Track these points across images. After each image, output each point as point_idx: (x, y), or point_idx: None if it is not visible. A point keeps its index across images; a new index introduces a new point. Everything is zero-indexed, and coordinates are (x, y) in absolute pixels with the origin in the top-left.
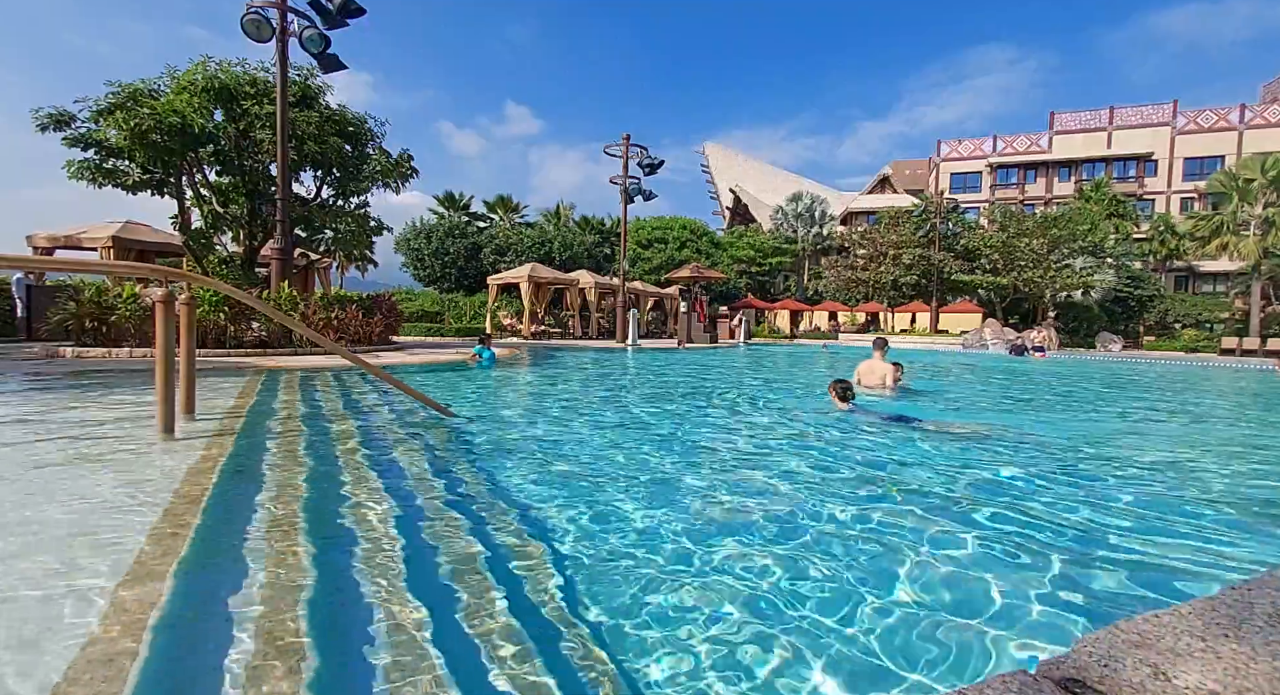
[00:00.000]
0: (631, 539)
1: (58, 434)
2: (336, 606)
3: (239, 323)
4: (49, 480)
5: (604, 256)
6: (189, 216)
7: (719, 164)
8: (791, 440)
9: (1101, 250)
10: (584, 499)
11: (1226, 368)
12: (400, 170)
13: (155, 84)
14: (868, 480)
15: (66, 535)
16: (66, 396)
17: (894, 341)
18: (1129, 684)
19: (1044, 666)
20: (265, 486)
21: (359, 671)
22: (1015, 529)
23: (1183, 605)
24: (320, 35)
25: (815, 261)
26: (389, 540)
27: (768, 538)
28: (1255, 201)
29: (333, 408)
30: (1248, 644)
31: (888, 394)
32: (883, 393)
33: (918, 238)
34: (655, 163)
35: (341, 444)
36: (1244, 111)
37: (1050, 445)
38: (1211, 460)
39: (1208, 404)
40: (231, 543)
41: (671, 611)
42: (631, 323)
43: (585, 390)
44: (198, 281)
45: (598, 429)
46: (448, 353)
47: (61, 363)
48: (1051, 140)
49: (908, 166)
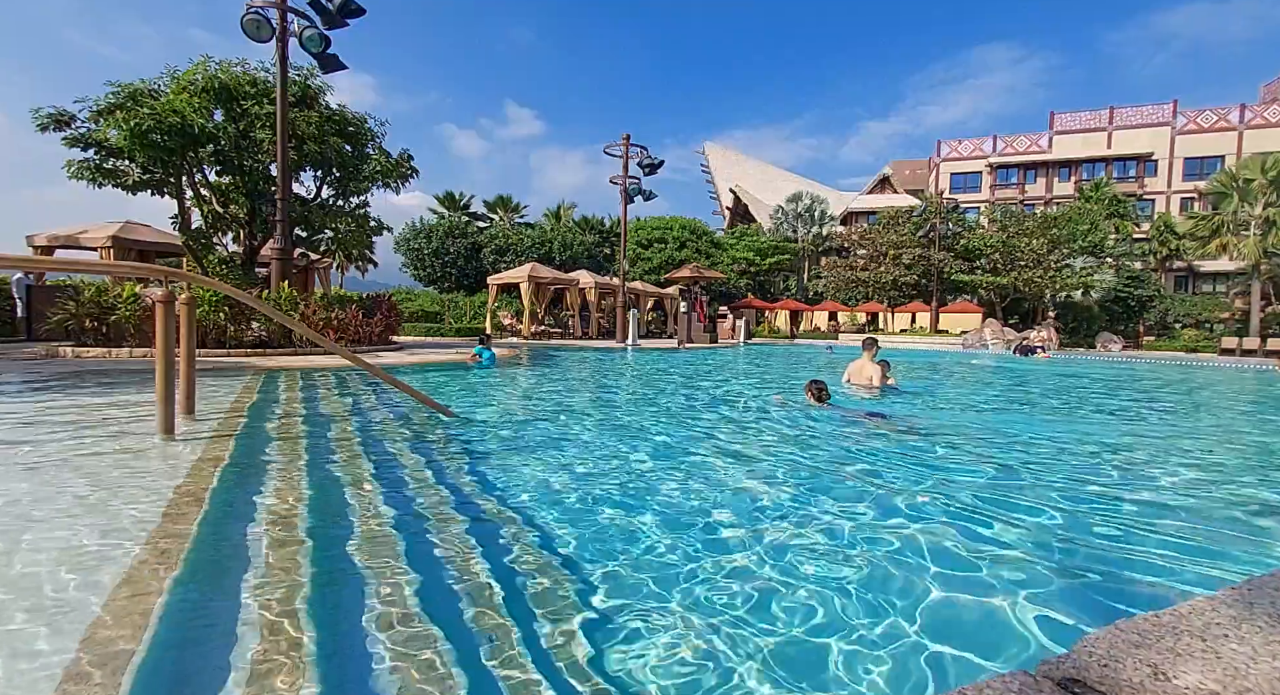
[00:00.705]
0: (628, 536)
1: (56, 434)
2: (336, 606)
3: (239, 323)
4: (48, 480)
5: (604, 256)
6: (189, 216)
7: (719, 164)
8: (779, 438)
9: (1101, 250)
10: (582, 498)
11: (1229, 368)
12: (400, 170)
13: (155, 84)
14: (832, 472)
15: (66, 535)
16: (66, 396)
17: (894, 341)
18: (1129, 684)
19: (1044, 666)
20: (265, 486)
21: (359, 671)
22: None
23: (1182, 605)
24: (320, 35)
25: (815, 261)
26: (389, 540)
27: (766, 532)
28: (1255, 201)
29: (333, 408)
30: (1248, 644)
31: (876, 393)
32: (872, 392)
33: (918, 238)
34: (655, 163)
35: (341, 444)
36: (1244, 111)
37: (1033, 445)
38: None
39: (1227, 404)
40: (232, 542)
41: (668, 605)
42: (631, 323)
43: (585, 390)
44: (198, 281)
45: (597, 429)
46: (448, 353)
47: (61, 362)
48: (1051, 140)
49: (908, 166)
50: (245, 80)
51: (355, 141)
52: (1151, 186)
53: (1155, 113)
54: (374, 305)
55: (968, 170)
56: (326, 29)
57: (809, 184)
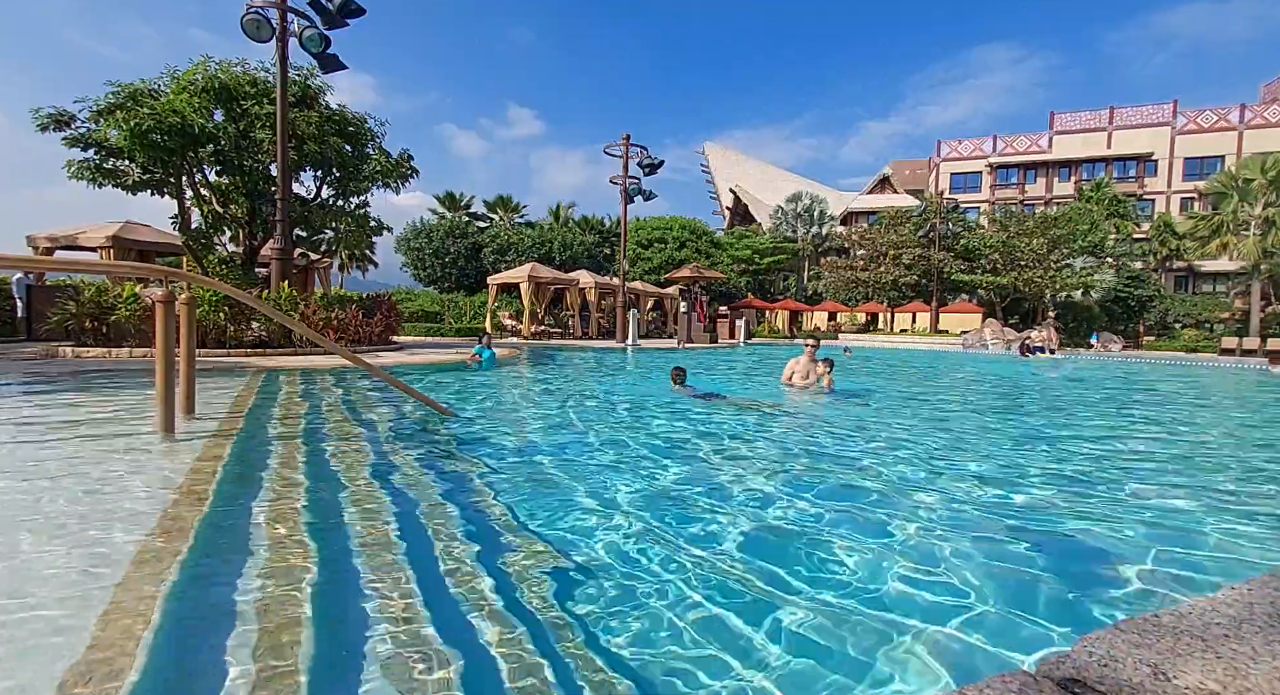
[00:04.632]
0: (625, 533)
1: (56, 434)
2: (336, 605)
3: (239, 323)
4: (48, 480)
5: (604, 256)
6: (189, 216)
7: (719, 164)
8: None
9: (1101, 250)
10: (581, 497)
11: (1229, 368)
12: (400, 170)
13: (155, 84)
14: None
15: (66, 534)
16: (65, 396)
17: (894, 341)
18: (1129, 684)
19: (1044, 666)
20: (265, 485)
21: (359, 670)
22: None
23: (1183, 605)
24: (320, 35)
25: (815, 261)
26: (389, 539)
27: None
28: (1255, 201)
29: (332, 408)
30: (1248, 644)
31: (820, 391)
32: (815, 389)
33: (918, 238)
34: (655, 163)
35: (341, 444)
36: (1244, 111)
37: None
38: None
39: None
40: (232, 541)
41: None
42: (631, 323)
43: (584, 390)
44: (198, 281)
45: (596, 429)
46: (448, 353)
47: (60, 362)
48: (1051, 140)
49: (908, 166)
50: (245, 80)
51: (355, 141)
52: (1151, 186)
53: (1155, 113)
54: (374, 305)
55: (968, 170)
56: (326, 29)
57: (809, 184)
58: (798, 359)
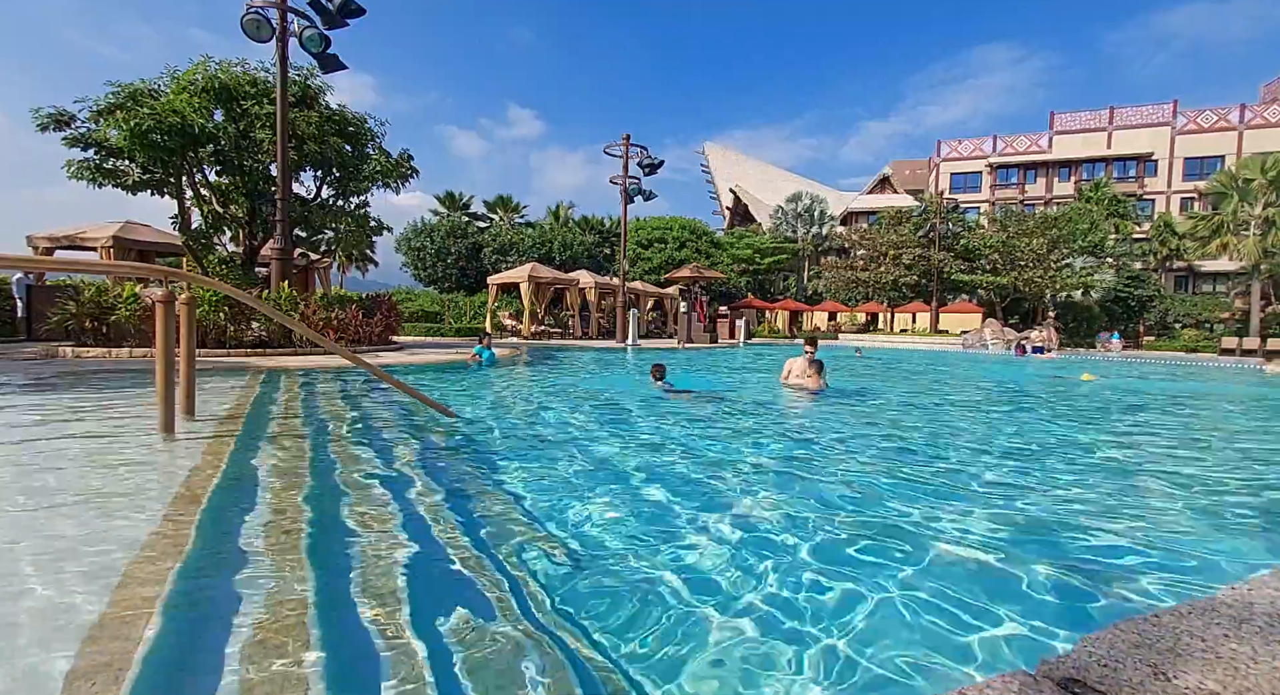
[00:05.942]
0: (624, 533)
1: (56, 434)
2: (335, 605)
3: (239, 323)
4: (47, 480)
5: (604, 256)
6: (189, 216)
7: (719, 164)
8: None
9: (1101, 250)
10: (580, 497)
11: (1229, 368)
12: (400, 170)
13: (155, 84)
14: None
15: (66, 534)
16: (65, 396)
17: (894, 341)
18: (1129, 684)
19: (1044, 666)
20: (265, 485)
21: (360, 670)
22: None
23: (1182, 605)
24: (320, 35)
25: (815, 261)
26: (388, 539)
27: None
28: (1255, 201)
29: (332, 408)
30: (1248, 644)
31: (813, 390)
32: (811, 388)
33: (918, 238)
34: (655, 163)
35: (341, 444)
36: (1244, 111)
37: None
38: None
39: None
40: (232, 541)
41: (667, 609)
42: (631, 323)
43: (584, 390)
44: (198, 281)
45: (595, 428)
46: (448, 353)
47: (60, 362)
48: (1051, 140)
49: (908, 166)
50: (245, 80)
51: (355, 141)
52: (1151, 186)
53: (1155, 113)
54: (374, 305)
55: (968, 170)
56: (326, 29)
57: (809, 184)
58: (796, 359)
